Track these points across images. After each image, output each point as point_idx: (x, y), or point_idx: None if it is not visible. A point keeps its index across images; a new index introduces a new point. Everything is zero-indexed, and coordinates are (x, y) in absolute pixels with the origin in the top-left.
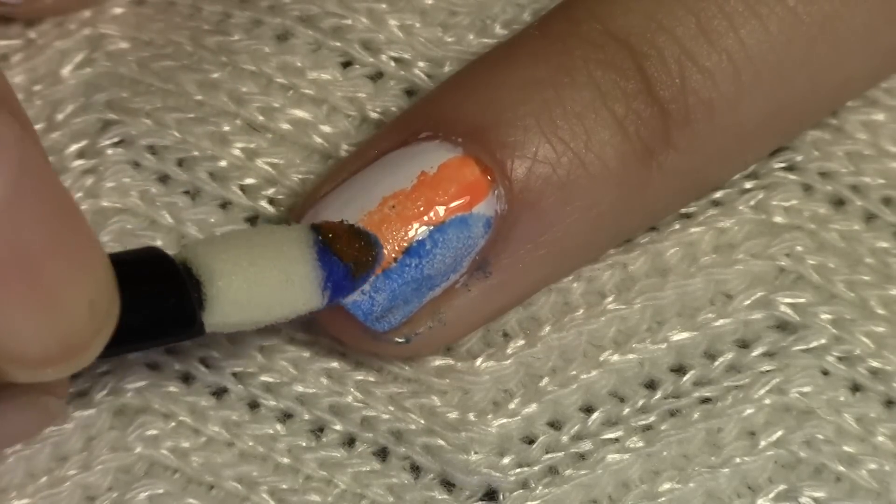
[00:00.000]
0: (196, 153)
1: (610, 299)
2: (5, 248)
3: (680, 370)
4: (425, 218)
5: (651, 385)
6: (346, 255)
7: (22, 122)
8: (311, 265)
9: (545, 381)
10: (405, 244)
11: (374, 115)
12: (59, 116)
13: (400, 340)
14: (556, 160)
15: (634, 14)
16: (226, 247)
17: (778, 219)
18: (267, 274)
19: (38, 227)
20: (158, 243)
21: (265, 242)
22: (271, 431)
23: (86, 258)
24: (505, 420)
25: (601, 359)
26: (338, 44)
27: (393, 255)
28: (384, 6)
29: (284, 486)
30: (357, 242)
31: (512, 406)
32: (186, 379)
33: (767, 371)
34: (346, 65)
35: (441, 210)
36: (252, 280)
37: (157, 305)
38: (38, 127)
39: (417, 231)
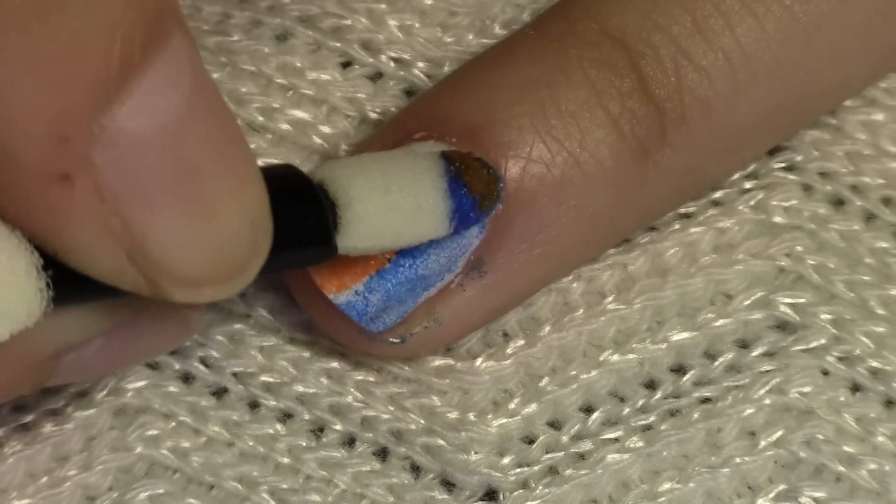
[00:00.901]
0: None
1: (610, 299)
2: (175, 162)
3: (680, 370)
4: None
5: (651, 385)
6: (474, 187)
7: (192, 37)
8: (442, 195)
9: (545, 381)
10: None
11: (373, 116)
12: None
13: (395, 341)
14: (551, 159)
15: (630, 13)
16: (362, 171)
17: (778, 219)
18: (401, 201)
19: (207, 143)
20: None
21: (399, 169)
22: (271, 431)
23: (249, 179)
24: (505, 420)
25: (601, 359)
26: (337, 44)
27: (387, 256)
28: (384, 6)
29: (284, 486)
30: (486, 175)
31: (512, 406)
32: (186, 379)
33: (767, 371)
34: (346, 65)
35: None
36: (387, 207)
37: (298, 227)
38: None
39: None
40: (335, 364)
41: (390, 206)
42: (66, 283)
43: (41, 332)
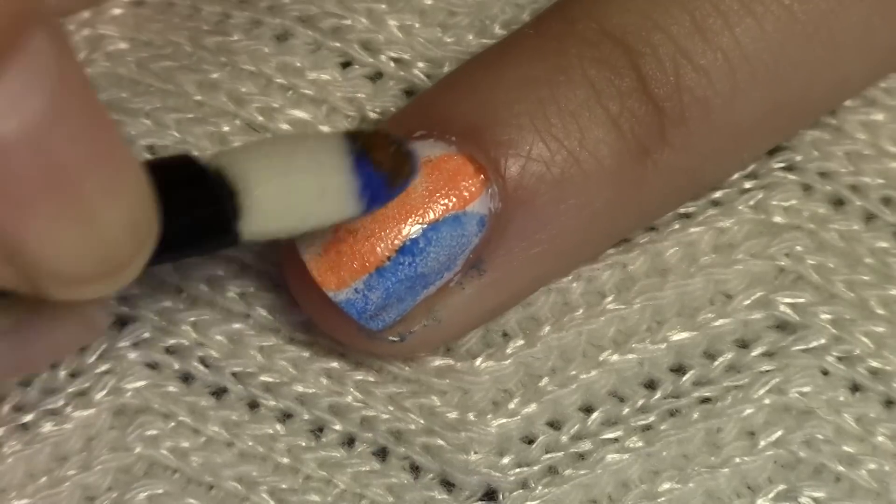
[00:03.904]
0: (196, 153)
1: (609, 299)
2: (44, 164)
3: (679, 370)
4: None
5: (651, 385)
6: (383, 163)
7: (60, 37)
8: (347, 175)
9: (545, 380)
10: (399, 242)
11: (373, 116)
12: None
13: (394, 339)
14: (551, 158)
15: (630, 12)
16: (260, 156)
17: (777, 219)
18: (302, 183)
19: (77, 144)
20: None
21: (300, 151)
22: (271, 431)
23: (125, 177)
24: (504, 420)
25: (601, 359)
26: (337, 44)
27: (386, 254)
28: (383, 6)
29: (284, 486)
30: (394, 150)
31: (511, 406)
32: (186, 379)
33: (767, 371)
34: (346, 65)
35: None
36: (287, 190)
37: (191, 215)
38: None
39: (411, 229)
40: (335, 364)
41: (291, 188)
42: None
43: None
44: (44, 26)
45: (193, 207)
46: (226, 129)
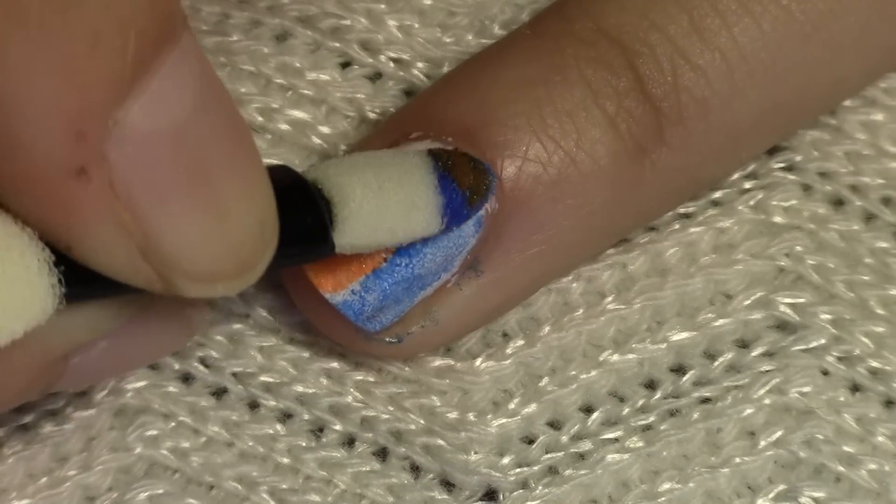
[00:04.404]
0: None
1: (609, 299)
2: (188, 162)
3: (680, 370)
4: None
5: (651, 385)
6: (463, 182)
7: (196, 40)
8: (433, 191)
9: (545, 380)
10: None
11: (372, 116)
12: None
13: (392, 340)
14: (547, 159)
15: (627, 12)
16: (355, 169)
17: (777, 219)
18: (394, 199)
19: (218, 143)
20: None
21: (390, 167)
22: (271, 431)
23: (256, 176)
24: (505, 420)
25: (601, 359)
26: (337, 44)
27: (383, 255)
28: (383, 6)
29: (284, 486)
30: (473, 169)
31: (512, 406)
32: (186, 379)
33: (767, 371)
34: (345, 65)
35: None
36: (380, 204)
37: (298, 222)
38: None
39: None
40: (335, 364)
41: (384, 203)
42: (78, 280)
43: (52, 330)
44: (187, 28)
45: (300, 214)
46: None
